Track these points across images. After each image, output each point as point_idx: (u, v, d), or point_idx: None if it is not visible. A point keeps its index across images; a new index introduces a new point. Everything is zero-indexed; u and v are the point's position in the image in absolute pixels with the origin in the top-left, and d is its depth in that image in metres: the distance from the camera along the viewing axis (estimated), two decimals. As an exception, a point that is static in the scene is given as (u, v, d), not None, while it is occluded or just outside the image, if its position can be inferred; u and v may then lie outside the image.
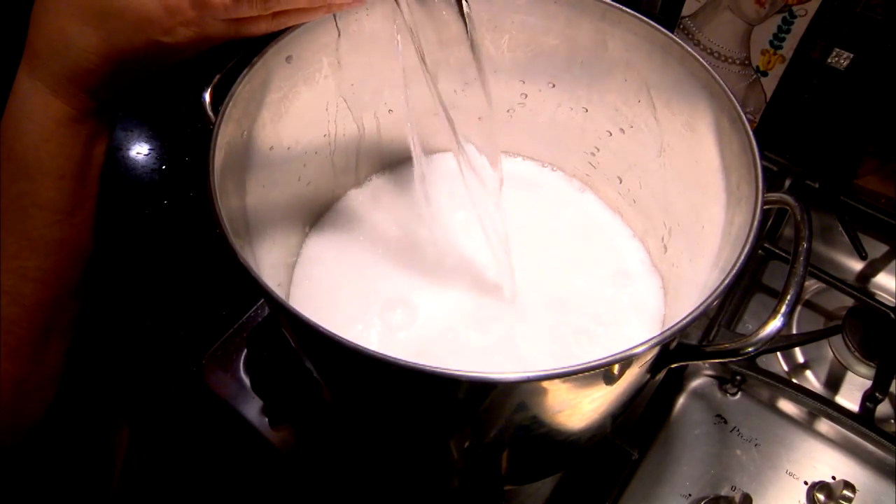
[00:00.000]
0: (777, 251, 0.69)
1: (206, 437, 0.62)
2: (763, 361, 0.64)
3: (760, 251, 0.69)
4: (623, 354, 0.34)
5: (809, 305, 0.69)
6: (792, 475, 0.57)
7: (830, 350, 0.65)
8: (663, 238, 0.57)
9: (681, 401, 0.60)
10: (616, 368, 0.37)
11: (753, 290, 0.69)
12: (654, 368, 0.42)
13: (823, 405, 0.59)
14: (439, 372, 0.33)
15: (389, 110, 0.60)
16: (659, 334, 0.35)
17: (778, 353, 0.65)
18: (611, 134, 0.59)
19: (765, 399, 0.61)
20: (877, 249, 0.72)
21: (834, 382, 0.63)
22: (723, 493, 0.55)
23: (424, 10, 0.39)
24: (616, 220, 0.63)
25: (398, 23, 0.41)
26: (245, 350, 0.62)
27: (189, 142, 0.83)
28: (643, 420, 0.58)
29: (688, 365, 0.62)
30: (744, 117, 0.43)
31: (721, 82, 0.45)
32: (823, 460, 0.58)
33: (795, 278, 0.37)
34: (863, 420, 0.58)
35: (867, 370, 0.62)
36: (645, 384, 0.45)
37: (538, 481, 0.56)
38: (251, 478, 0.60)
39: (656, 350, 0.36)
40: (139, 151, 0.82)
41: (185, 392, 0.63)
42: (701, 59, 0.47)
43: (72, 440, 0.52)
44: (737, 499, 0.54)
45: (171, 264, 0.72)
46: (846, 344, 0.63)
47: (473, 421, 0.42)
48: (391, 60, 0.56)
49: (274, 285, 0.52)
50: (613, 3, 0.51)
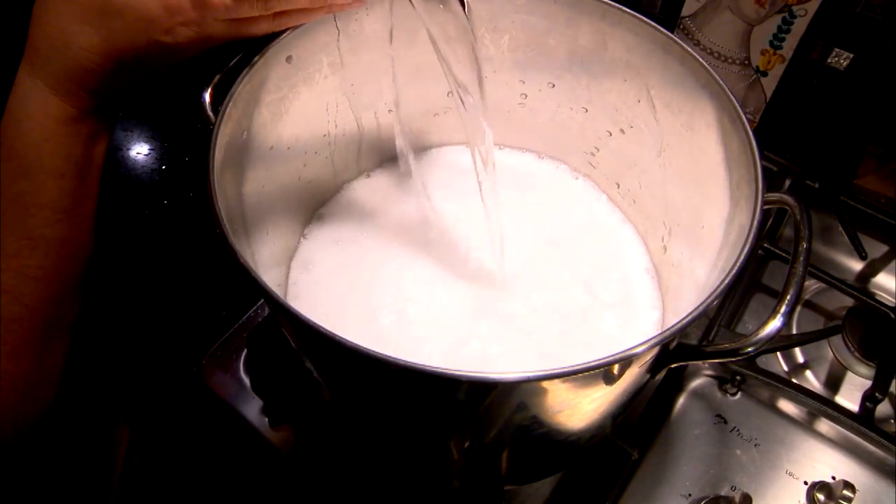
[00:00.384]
0: (777, 251, 0.69)
1: (207, 437, 0.62)
2: (763, 361, 0.64)
3: (760, 251, 0.69)
4: (623, 354, 0.34)
5: (809, 305, 0.69)
6: (792, 475, 0.57)
7: (830, 350, 0.65)
8: (663, 238, 0.57)
9: (681, 401, 0.60)
10: (616, 368, 0.37)
11: (753, 290, 0.69)
12: (654, 368, 0.42)
13: (823, 405, 0.59)
14: (439, 372, 0.33)
15: (389, 110, 0.60)
16: (658, 334, 0.35)
17: (778, 353, 0.65)
18: (611, 134, 0.59)
19: (765, 399, 0.61)
20: (877, 249, 0.72)
21: (834, 382, 0.63)
22: (723, 493, 0.55)
23: (427, 8, 0.40)
24: (617, 217, 0.63)
25: (395, 20, 0.41)
26: (245, 350, 0.62)
27: (189, 142, 0.83)
28: (643, 420, 0.58)
29: (688, 365, 0.62)
30: (743, 117, 0.43)
31: (721, 82, 0.45)
32: (823, 460, 0.58)
33: (795, 278, 0.37)
34: (863, 420, 0.58)
35: (867, 370, 0.62)
36: (645, 384, 0.45)
37: (538, 481, 0.56)
38: (251, 478, 0.60)
39: (656, 350, 0.36)
40: (139, 151, 0.82)
41: (186, 392, 0.63)
42: (701, 60, 0.47)
43: (72, 439, 0.52)
44: (737, 499, 0.54)
45: (172, 264, 0.72)
46: (846, 344, 0.63)
47: (473, 421, 0.42)
48: (391, 61, 0.56)
49: (273, 283, 0.53)
50: (613, 4, 0.51)
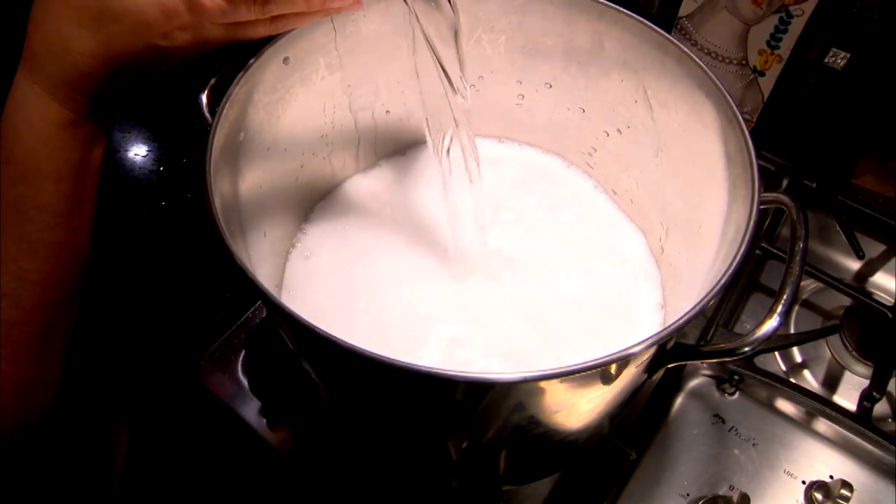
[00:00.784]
0: (774, 251, 0.69)
1: (205, 439, 0.62)
2: (761, 361, 0.64)
3: (758, 251, 0.69)
4: (620, 354, 0.34)
5: (807, 305, 0.69)
6: (790, 474, 0.57)
7: (828, 349, 0.65)
8: (661, 238, 0.58)
9: (679, 400, 0.61)
10: (613, 368, 0.37)
11: (751, 290, 0.69)
12: (651, 368, 0.42)
13: (821, 405, 0.59)
14: (435, 373, 0.33)
15: (387, 111, 0.61)
16: (655, 334, 0.35)
17: (776, 353, 0.65)
18: (608, 134, 0.59)
19: (763, 399, 0.61)
20: (874, 249, 0.72)
21: (832, 382, 0.64)
22: (721, 493, 0.55)
23: (422, 10, 0.40)
24: (619, 216, 0.62)
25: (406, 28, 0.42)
26: (243, 351, 0.62)
27: (187, 143, 0.83)
28: (641, 420, 0.58)
29: (685, 364, 0.62)
30: (740, 118, 0.43)
31: (717, 83, 0.45)
32: (821, 459, 0.58)
33: (791, 278, 0.37)
34: (860, 419, 0.58)
35: (865, 369, 0.62)
36: (642, 384, 0.45)
37: (536, 481, 0.56)
38: (250, 479, 0.60)
39: (653, 350, 0.36)
40: (137, 153, 0.82)
41: (184, 393, 0.63)
42: (697, 60, 0.47)
43: (71, 441, 0.52)
44: (735, 498, 0.54)
45: (169, 265, 0.72)
46: (844, 343, 0.63)
47: (471, 421, 0.42)
48: (389, 62, 0.56)
49: (268, 281, 0.53)
50: (610, 4, 0.51)
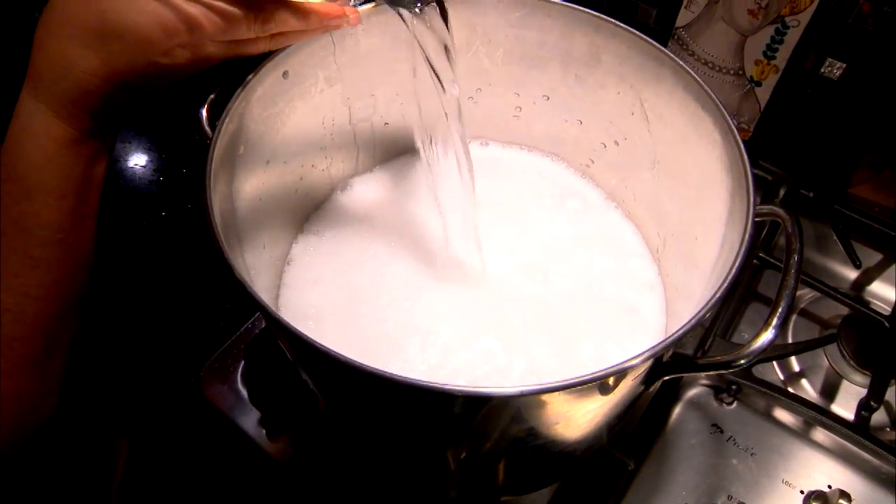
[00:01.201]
0: (772, 260, 0.69)
1: (205, 449, 0.63)
2: (759, 370, 0.64)
3: (755, 260, 0.69)
4: (616, 368, 0.34)
5: (804, 314, 0.69)
6: (788, 484, 0.57)
7: (826, 359, 0.65)
8: (658, 250, 0.58)
9: (677, 410, 0.61)
10: (609, 381, 0.37)
11: (749, 300, 0.70)
12: (648, 380, 0.42)
13: (819, 414, 0.59)
14: (433, 387, 0.33)
15: (385, 123, 0.61)
16: (651, 347, 0.35)
17: (774, 362, 0.65)
18: (605, 146, 0.60)
19: (761, 408, 0.61)
20: (871, 258, 0.72)
21: (829, 391, 0.64)
22: (719, 503, 0.55)
23: (419, 28, 0.40)
24: (623, 226, 0.62)
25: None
26: (243, 361, 0.62)
27: (187, 153, 0.83)
28: (639, 430, 0.58)
29: (682, 376, 0.63)
30: (735, 131, 0.44)
31: (713, 96, 0.46)
32: (819, 469, 0.58)
33: (786, 291, 0.38)
34: (858, 429, 0.58)
35: (862, 379, 0.62)
36: (639, 395, 0.45)
37: (535, 492, 0.56)
38: (249, 489, 0.60)
39: (650, 363, 0.37)
40: (137, 163, 0.82)
41: (184, 404, 0.63)
42: (693, 73, 0.47)
43: (72, 452, 0.52)
44: (733, 508, 0.54)
45: (169, 275, 0.72)
46: (841, 353, 0.63)
47: (469, 433, 0.42)
48: (387, 74, 0.56)
49: (267, 291, 0.53)
50: (607, 18, 0.51)
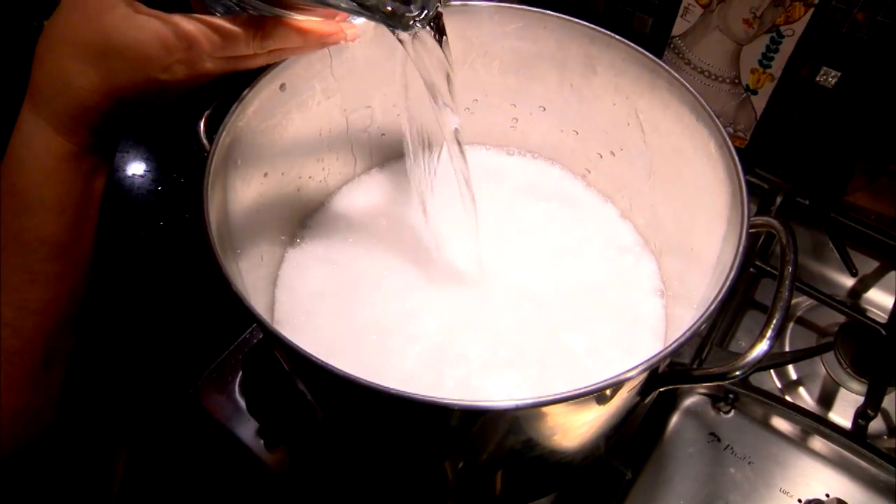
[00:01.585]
0: (768, 269, 0.69)
1: (203, 460, 0.63)
2: (756, 379, 0.64)
3: (752, 269, 0.69)
4: (612, 380, 0.34)
5: (801, 322, 0.69)
6: (786, 493, 0.57)
7: (823, 367, 0.65)
8: (656, 256, 0.58)
9: (674, 419, 0.61)
10: (605, 393, 0.37)
11: (746, 308, 0.70)
12: (644, 392, 0.42)
13: (816, 422, 0.59)
14: (429, 400, 0.33)
15: (382, 134, 0.61)
16: (647, 359, 0.36)
17: (771, 371, 0.65)
18: (601, 156, 0.60)
19: (758, 417, 0.61)
20: (867, 266, 0.72)
21: (827, 399, 0.64)
22: (717, 512, 0.56)
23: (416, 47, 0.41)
24: (623, 232, 0.61)
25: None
26: (241, 372, 0.62)
27: (185, 162, 0.83)
28: (637, 439, 0.58)
29: (678, 387, 0.63)
30: (730, 143, 0.44)
31: (707, 108, 0.46)
32: (817, 478, 0.58)
33: (781, 302, 0.38)
34: (855, 437, 0.58)
35: (859, 386, 0.63)
36: (636, 406, 0.46)
37: (533, 502, 0.56)
38: (247, 499, 0.60)
39: (645, 374, 0.37)
40: (135, 172, 0.83)
41: (182, 414, 0.63)
42: (687, 85, 0.47)
43: (71, 462, 0.52)
44: (731, 518, 0.54)
45: (167, 285, 0.72)
46: (838, 361, 0.63)
47: (466, 445, 0.42)
48: (384, 85, 0.57)
49: (264, 300, 0.53)
50: (601, 30, 0.51)
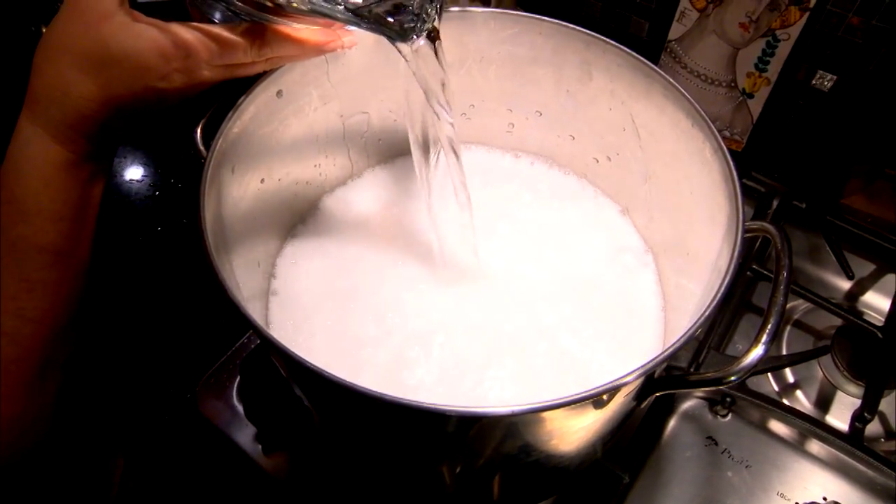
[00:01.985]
0: (765, 272, 0.69)
1: (201, 465, 0.63)
2: (753, 382, 0.64)
3: (749, 272, 0.70)
4: (607, 386, 0.34)
5: (798, 325, 0.69)
6: (783, 496, 0.57)
7: (820, 370, 0.65)
8: (655, 258, 0.58)
9: (671, 423, 0.61)
10: (602, 398, 0.37)
11: (743, 311, 0.70)
12: (640, 397, 0.42)
13: (813, 426, 0.59)
14: (426, 407, 0.33)
15: (379, 140, 0.61)
16: (643, 364, 0.36)
17: (768, 374, 0.65)
18: (598, 161, 0.60)
19: (755, 420, 0.61)
20: (864, 269, 0.72)
21: (824, 402, 0.64)
22: (714, 516, 0.56)
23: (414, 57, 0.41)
24: (623, 235, 0.61)
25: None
26: (238, 377, 0.62)
27: (183, 167, 0.84)
28: (634, 443, 0.58)
29: (675, 392, 0.63)
30: (724, 148, 0.44)
31: (702, 112, 0.46)
32: (814, 481, 0.58)
33: (775, 307, 0.38)
34: (852, 440, 0.58)
35: (856, 390, 0.63)
36: (632, 411, 0.46)
37: (530, 506, 0.56)
38: (245, 505, 0.60)
39: (641, 380, 0.37)
40: (133, 177, 0.83)
41: (179, 420, 0.63)
42: (682, 90, 0.47)
43: (67, 469, 0.52)
44: (728, 521, 0.55)
45: (165, 290, 0.73)
46: (835, 364, 0.63)
47: (463, 450, 0.42)
48: (380, 91, 0.57)
49: (258, 300, 0.53)
50: (597, 35, 0.52)
